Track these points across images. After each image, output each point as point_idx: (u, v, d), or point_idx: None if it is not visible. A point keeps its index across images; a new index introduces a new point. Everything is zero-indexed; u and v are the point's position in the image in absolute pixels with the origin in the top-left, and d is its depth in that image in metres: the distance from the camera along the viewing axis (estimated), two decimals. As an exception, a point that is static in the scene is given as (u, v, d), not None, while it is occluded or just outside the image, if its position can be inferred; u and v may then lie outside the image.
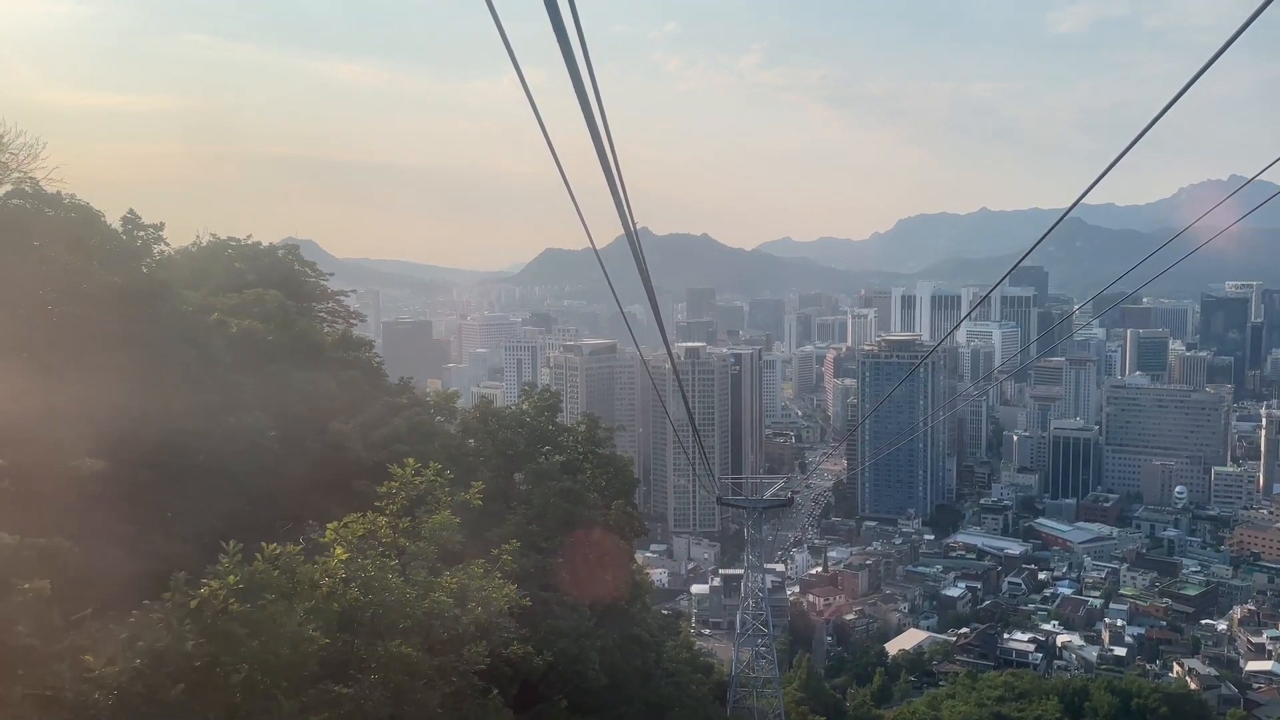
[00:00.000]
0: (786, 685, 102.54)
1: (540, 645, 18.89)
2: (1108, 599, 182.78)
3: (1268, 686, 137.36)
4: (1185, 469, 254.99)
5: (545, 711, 22.91)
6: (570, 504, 29.27)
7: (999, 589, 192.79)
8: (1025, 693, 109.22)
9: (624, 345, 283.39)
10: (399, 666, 10.29)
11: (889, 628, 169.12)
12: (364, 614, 10.22)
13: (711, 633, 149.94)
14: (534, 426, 33.59)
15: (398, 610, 10.63)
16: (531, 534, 24.35)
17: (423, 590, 10.80)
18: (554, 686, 23.80)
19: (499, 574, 12.64)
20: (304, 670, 9.25)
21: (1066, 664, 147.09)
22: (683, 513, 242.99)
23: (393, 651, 10.26)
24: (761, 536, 65.13)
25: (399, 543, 11.42)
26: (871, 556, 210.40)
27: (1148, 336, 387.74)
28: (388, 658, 10.17)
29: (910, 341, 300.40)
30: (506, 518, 24.57)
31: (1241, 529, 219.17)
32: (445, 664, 11.30)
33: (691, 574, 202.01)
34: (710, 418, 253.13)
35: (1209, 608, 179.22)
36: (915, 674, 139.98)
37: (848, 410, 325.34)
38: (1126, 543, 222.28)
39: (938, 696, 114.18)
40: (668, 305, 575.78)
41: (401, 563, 11.12)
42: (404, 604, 10.62)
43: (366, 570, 10.52)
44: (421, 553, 11.68)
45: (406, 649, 10.34)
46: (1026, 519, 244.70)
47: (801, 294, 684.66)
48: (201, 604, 8.95)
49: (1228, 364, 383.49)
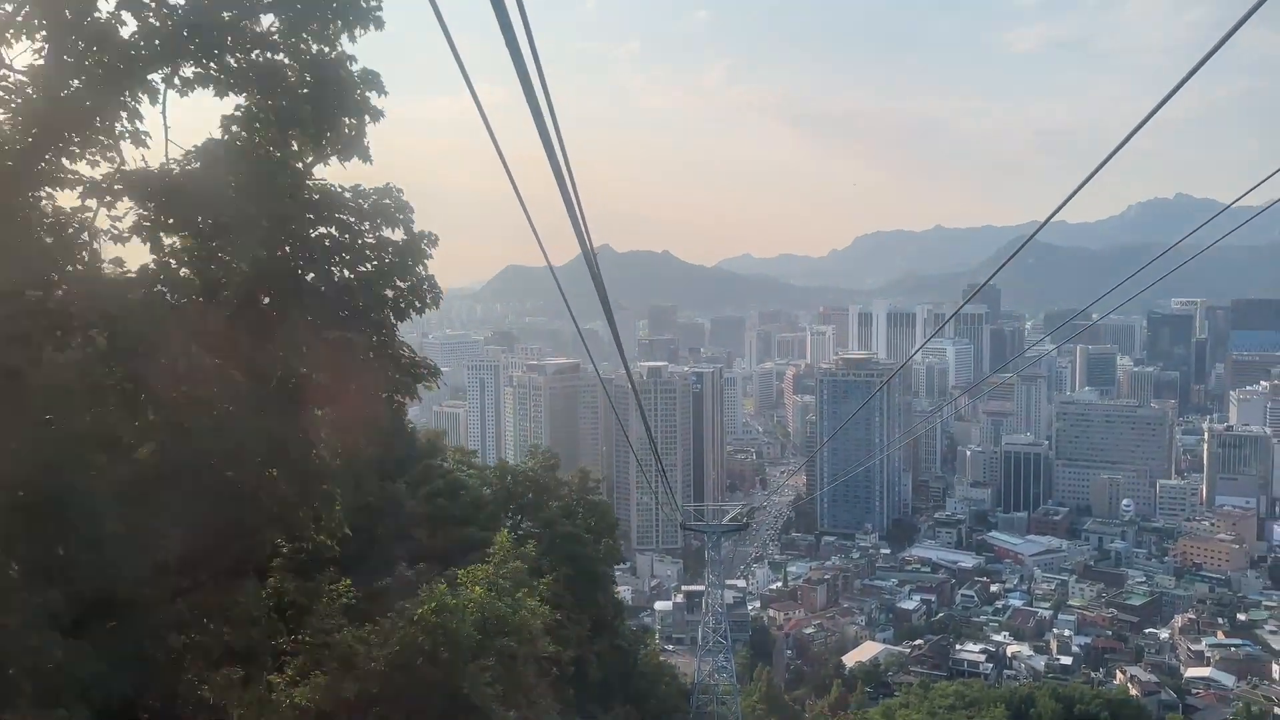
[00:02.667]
0: (748, 698, 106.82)
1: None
2: (1057, 610, 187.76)
3: (1205, 691, 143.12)
4: (1132, 482, 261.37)
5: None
6: (570, 544, 36.61)
7: (953, 601, 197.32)
8: (975, 701, 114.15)
9: (587, 364, 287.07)
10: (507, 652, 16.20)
11: (847, 640, 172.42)
12: (487, 622, 15.59)
13: (675, 648, 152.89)
14: (539, 480, 39.71)
15: (504, 619, 16.63)
16: (543, 568, 29.99)
17: (513, 608, 16.68)
18: (568, 680, 29.53)
19: (539, 598, 17.95)
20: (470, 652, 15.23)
21: (1016, 673, 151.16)
22: (646, 530, 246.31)
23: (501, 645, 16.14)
24: (721, 557, 69.77)
25: (498, 580, 16.60)
26: (830, 571, 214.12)
27: (1097, 353, 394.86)
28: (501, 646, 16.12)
29: (866, 360, 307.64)
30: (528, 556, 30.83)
31: (1185, 540, 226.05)
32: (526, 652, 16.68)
33: (655, 591, 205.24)
34: (673, 436, 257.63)
35: (1153, 617, 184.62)
36: (871, 685, 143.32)
37: (807, 426, 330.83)
38: (1075, 555, 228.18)
39: (892, 706, 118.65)
40: (630, 322, 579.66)
41: (498, 591, 16.84)
42: (505, 616, 16.59)
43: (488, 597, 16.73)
44: (508, 587, 17.09)
45: (509, 643, 16.18)
46: (980, 532, 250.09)
47: (762, 311, 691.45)
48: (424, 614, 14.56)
49: (1174, 379, 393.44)
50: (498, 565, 18.69)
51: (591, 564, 39.22)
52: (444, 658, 14.39)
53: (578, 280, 10.35)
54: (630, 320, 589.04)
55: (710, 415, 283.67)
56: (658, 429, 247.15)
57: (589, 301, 10.14)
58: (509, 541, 20.51)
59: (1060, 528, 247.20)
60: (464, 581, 17.30)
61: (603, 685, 36.18)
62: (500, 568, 18.63)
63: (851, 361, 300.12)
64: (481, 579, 17.50)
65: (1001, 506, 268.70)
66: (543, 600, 19.13)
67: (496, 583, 17.61)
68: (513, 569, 18.89)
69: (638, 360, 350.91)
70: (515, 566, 19.12)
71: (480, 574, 17.81)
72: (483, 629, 15.62)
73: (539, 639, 17.62)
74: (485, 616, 16.06)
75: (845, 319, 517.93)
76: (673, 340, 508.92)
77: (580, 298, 15.49)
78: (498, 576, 18.02)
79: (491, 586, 17.21)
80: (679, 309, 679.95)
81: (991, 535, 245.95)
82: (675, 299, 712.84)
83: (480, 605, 16.10)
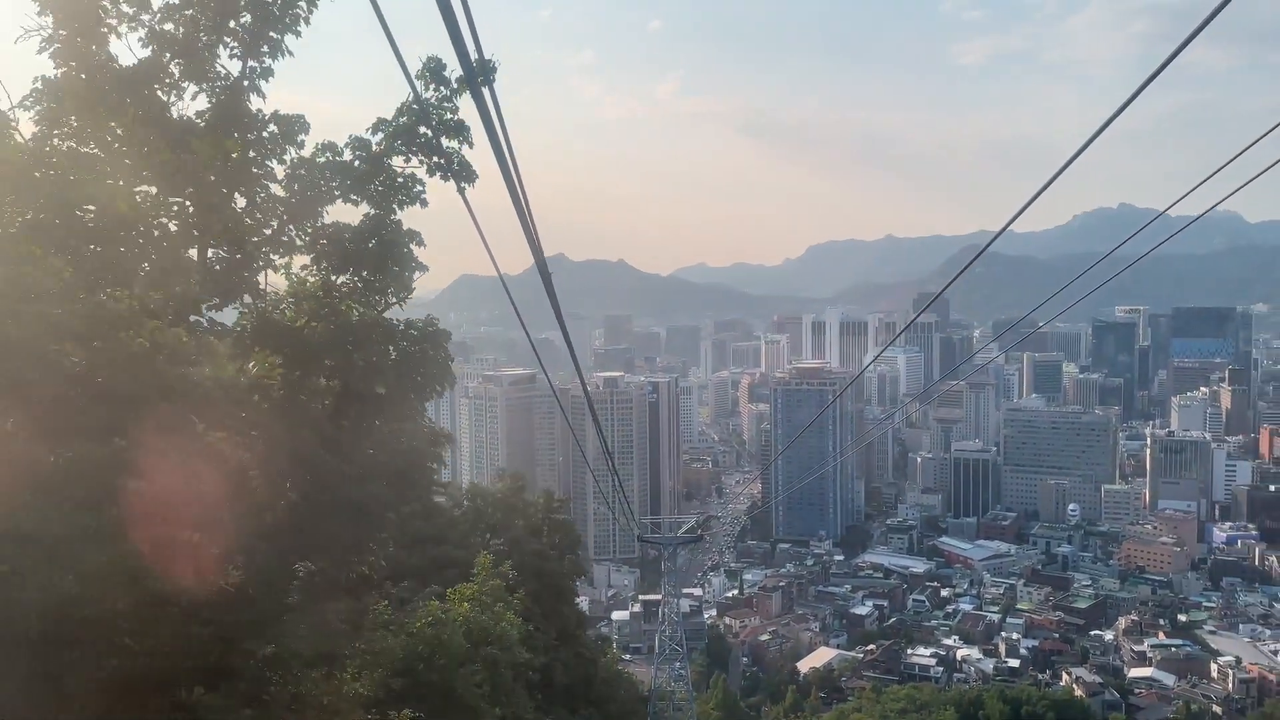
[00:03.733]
0: (705, 705, 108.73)
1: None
2: (1005, 613, 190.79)
3: (1147, 691, 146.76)
4: (1078, 487, 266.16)
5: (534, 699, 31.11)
6: (537, 560, 39.24)
7: (905, 606, 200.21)
8: (925, 704, 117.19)
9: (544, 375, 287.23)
10: (491, 659, 18.89)
11: (801, 647, 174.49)
12: (473, 633, 18.48)
13: (632, 657, 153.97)
14: (508, 502, 41.21)
15: (487, 630, 19.19)
16: (513, 583, 32.10)
17: (495, 620, 19.31)
18: (534, 684, 31.54)
19: (514, 612, 20.82)
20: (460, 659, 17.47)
21: (965, 676, 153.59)
22: (603, 540, 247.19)
23: (485, 653, 18.61)
24: (677, 568, 71.76)
25: (481, 597, 19.48)
26: (785, 578, 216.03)
27: (1043, 360, 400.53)
28: (486, 654, 18.74)
29: (819, 369, 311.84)
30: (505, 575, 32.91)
31: (1129, 543, 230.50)
32: (506, 659, 19.80)
33: (612, 601, 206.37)
34: (629, 445, 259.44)
35: (1098, 619, 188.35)
36: (825, 690, 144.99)
37: (762, 435, 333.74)
38: (1024, 559, 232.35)
39: (845, 711, 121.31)
40: (585, 331, 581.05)
41: (481, 607, 19.58)
42: (488, 628, 19.10)
43: (473, 612, 19.30)
44: (489, 603, 20.17)
45: (492, 651, 18.85)
46: (931, 538, 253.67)
47: (717, 320, 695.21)
48: (421, 627, 16.82)
49: (1118, 385, 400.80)
50: (480, 583, 21.19)
51: (557, 579, 42.12)
52: (439, 664, 16.78)
53: (533, 289, 10.22)
54: (585, 329, 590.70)
55: (666, 425, 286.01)
56: (614, 439, 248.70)
57: (544, 311, 10.42)
58: (489, 562, 22.90)
59: (1009, 532, 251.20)
60: (452, 598, 19.88)
61: (567, 690, 38.52)
62: (482, 586, 21.08)
63: (805, 371, 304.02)
64: (468, 596, 20.14)
65: (952, 512, 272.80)
66: (516, 613, 21.51)
67: (480, 599, 20.18)
68: (492, 587, 21.29)
69: (594, 370, 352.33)
70: (494, 585, 21.52)
71: (466, 592, 20.37)
72: (470, 639, 18.10)
73: (516, 648, 20.19)
74: (471, 629, 18.57)
75: (799, 327, 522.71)
76: (628, 349, 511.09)
77: (535, 307, 16.81)
78: (481, 594, 20.54)
79: (476, 603, 19.80)
80: (634, 318, 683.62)
81: (942, 540, 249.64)
82: (631, 308, 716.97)
83: (467, 619, 18.70)
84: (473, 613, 19.04)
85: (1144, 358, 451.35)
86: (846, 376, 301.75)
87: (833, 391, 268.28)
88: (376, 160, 14.06)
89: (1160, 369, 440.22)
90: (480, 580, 21.26)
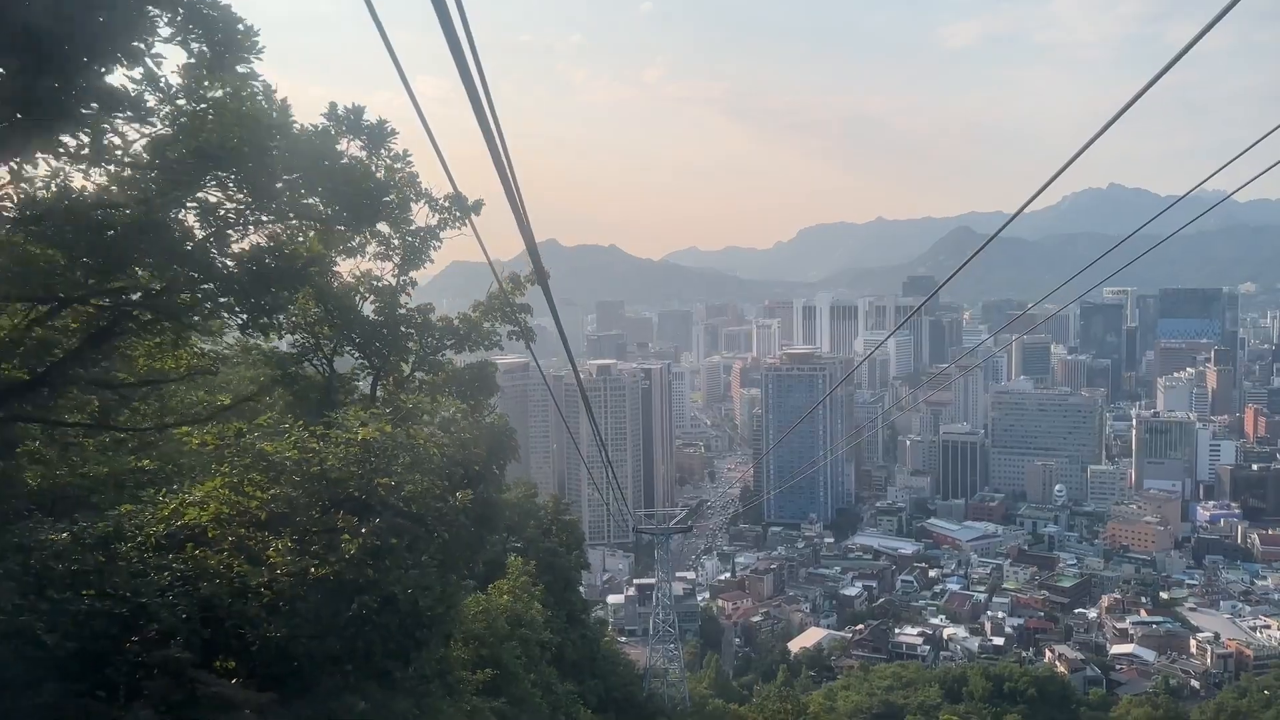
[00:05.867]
0: (698, 684, 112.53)
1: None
2: (991, 593, 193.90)
3: (1128, 667, 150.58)
4: (1065, 468, 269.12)
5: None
6: (550, 556, 45.53)
7: (893, 587, 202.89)
8: (911, 681, 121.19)
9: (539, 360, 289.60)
10: (524, 637, 23.80)
11: (792, 627, 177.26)
12: (511, 618, 23.46)
13: (627, 639, 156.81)
14: (521, 507, 45.98)
15: (521, 615, 24.24)
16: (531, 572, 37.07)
17: (526, 607, 24.29)
18: (552, 659, 36.34)
19: (537, 600, 25.03)
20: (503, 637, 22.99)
21: (951, 654, 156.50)
22: (597, 525, 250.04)
23: (520, 633, 23.48)
24: (670, 555, 75.72)
25: (515, 589, 24.67)
26: (776, 561, 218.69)
27: (1032, 342, 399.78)
28: (521, 634, 23.79)
29: (809, 355, 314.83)
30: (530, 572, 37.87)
31: (1114, 523, 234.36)
32: (534, 638, 24.99)
33: (607, 585, 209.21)
34: (623, 431, 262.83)
35: (1082, 598, 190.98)
36: (815, 669, 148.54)
37: (754, 419, 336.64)
38: (1010, 540, 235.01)
39: (834, 689, 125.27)
40: (577, 317, 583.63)
41: (514, 597, 24.22)
42: (521, 613, 24.21)
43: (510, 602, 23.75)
44: (521, 595, 23.91)
45: (525, 631, 23.61)
46: (919, 519, 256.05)
47: (708, 304, 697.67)
48: (473, 614, 20.96)
49: (1106, 366, 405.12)
50: (513, 580, 26.33)
51: (565, 571, 49.06)
52: (489, 640, 21.15)
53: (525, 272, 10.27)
54: (578, 315, 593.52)
55: (659, 411, 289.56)
56: (608, 427, 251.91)
57: (535, 297, 10.22)
58: (520, 562, 28.36)
59: (996, 513, 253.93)
60: (493, 592, 24.84)
61: (575, 665, 43.93)
62: (515, 581, 26.20)
63: (795, 356, 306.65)
64: (505, 590, 25.32)
65: (940, 494, 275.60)
66: (538, 600, 26.08)
67: (516, 591, 25.27)
68: (522, 583, 26.60)
69: (586, 357, 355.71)
70: (523, 580, 26.79)
71: (504, 586, 25.60)
72: (510, 622, 22.72)
73: (540, 629, 25.17)
74: (510, 614, 23.26)
75: (790, 312, 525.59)
76: (621, 335, 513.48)
77: (529, 294, 18.34)
78: (515, 587, 25.60)
79: (512, 594, 24.77)
80: (626, 303, 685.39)
81: (931, 522, 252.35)
82: (623, 293, 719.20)
83: (507, 606, 23.57)
84: (510, 602, 23.76)
85: (1131, 339, 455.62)
86: (836, 361, 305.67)
87: (823, 376, 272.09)
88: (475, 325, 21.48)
89: (1147, 350, 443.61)
90: (513, 578, 26.20)
